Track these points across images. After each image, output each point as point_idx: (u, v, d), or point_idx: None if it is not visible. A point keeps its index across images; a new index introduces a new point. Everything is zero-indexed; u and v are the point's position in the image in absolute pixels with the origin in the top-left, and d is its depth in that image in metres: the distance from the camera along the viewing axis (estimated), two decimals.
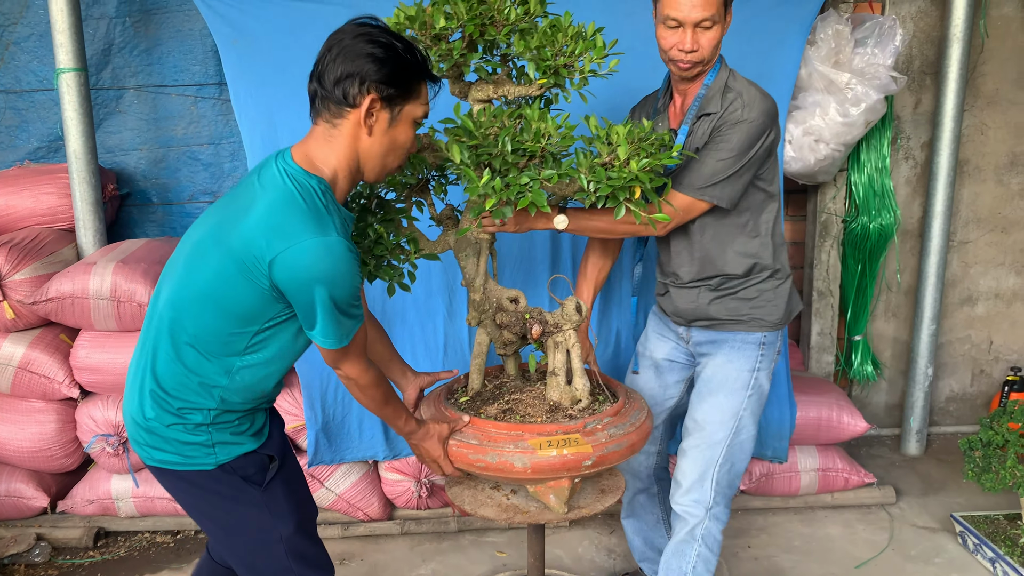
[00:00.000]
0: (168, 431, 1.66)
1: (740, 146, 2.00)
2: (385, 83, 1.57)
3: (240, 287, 1.56)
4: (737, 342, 2.18)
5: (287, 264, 1.51)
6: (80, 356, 2.86)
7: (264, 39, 2.82)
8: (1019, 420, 2.81)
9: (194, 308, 1.60)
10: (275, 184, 1.58)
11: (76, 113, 2.99)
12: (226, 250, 1.55)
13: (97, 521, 3.04)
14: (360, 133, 1.61)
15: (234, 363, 1.64)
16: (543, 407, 2.01)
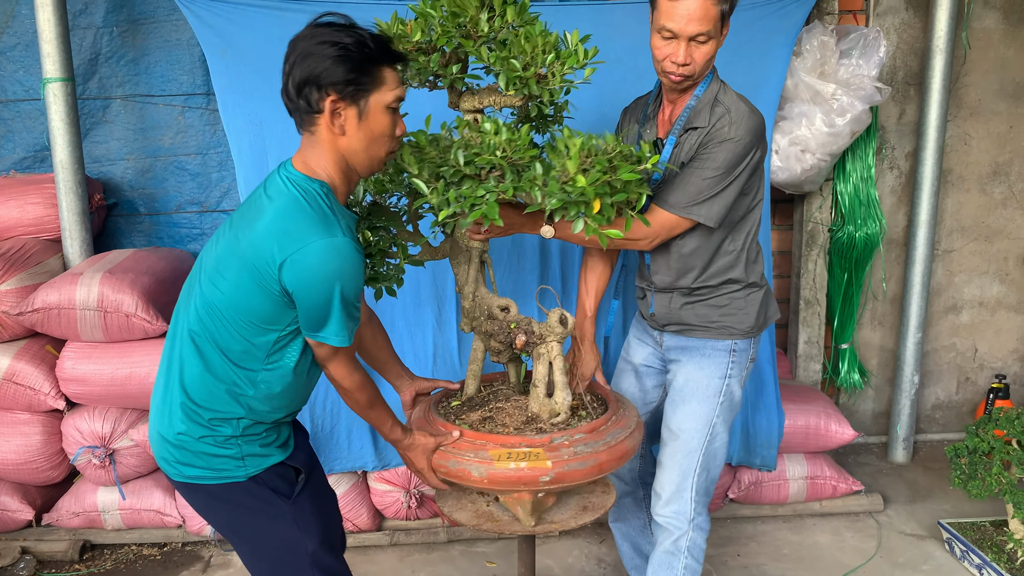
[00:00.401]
0: (198, 444, 1.69)
1: (726, 164, 1.97)
2: (341, 82, 1.57)
3: (255, 295, 1.59)
4: (708, 349, 2.17)
5: (297, 266, 1.54)
6: (66, 367, 2.83)
7: (252, 49, 2.82)
8: (1004, 427, 2.83)
9: (218, 318, 1.64)
10: (280, 192, 1.62)
11: (62, 123, 2.97)
12: (240, 260, 1.60)
13: (83, 534, 3.01)
14: (335, 135, 1.63)
15: (258, 371, 1.67)
16: (521, 417, 1.99)
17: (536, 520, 1.95)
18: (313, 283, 1.56)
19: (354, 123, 1.62)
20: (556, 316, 1.96)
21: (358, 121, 1.62)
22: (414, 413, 2.07)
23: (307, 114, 1.62)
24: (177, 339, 1.71)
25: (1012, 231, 3.73)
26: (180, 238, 3.44)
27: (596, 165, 1.70)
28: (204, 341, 1.66)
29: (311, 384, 1.81)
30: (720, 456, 2.22)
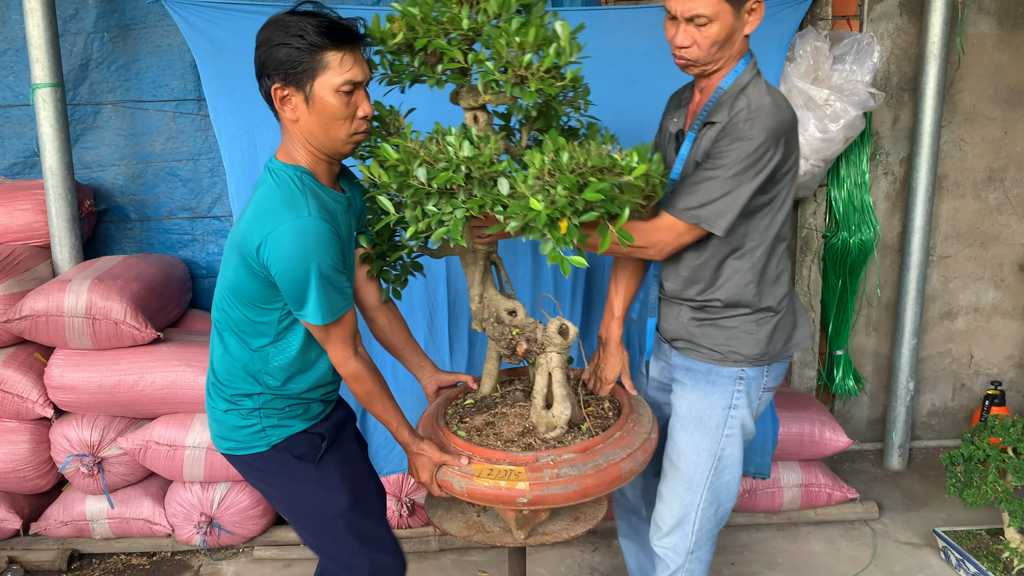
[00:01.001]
0: (226, 418, 1.84)
1: (736, 165, 1.79)
2: (278, 70, 1.63)
3: (247, 278, 1.70)
4: (713, 375, 1.99)
5: (270, 248, 1.61)
6: (54, 375, 2.81)
7: (243, 54, 2.81)
8: (1000, 435, 2.81)
9: (228, 302, 1.77)
10: (262, 181, 1.72)
11: (52, 129, 2.96)
12: (233, 246, 1.72)
13: (71, 543, 2.98)
14: (291, 120, 1.68)
15: (269, 349, 1.78)
16: (518, 428, 1.92)
17: (527, 533, 1.91)
18: (285, 262, 1.62)
19: (303, 108, 1.66)
20: (555, 326, 1.88)
21: (307, 106, 1.66)
22: (425, 412, 2.05)
23: (269, 102, 1.70)
24: (213, 326, 1.87)
25: (1007, 237, 3.72)
26: (171, 244, 3.43)
27: (560, 182, 1.55)
28: (223, 325, 1.81)
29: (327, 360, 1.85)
30: (731, 490, 2.07)
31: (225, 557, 3.01)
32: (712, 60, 1.84)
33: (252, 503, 2.92)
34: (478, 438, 1.90)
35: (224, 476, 2.86)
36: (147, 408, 2.85)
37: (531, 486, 1.72)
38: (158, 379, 2.79)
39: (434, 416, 1.97)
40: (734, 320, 1.98)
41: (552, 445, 1.83)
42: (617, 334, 2.13)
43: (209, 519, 2.89)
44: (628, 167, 1.60)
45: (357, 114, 1.69)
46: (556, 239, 1.57)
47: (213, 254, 3.43)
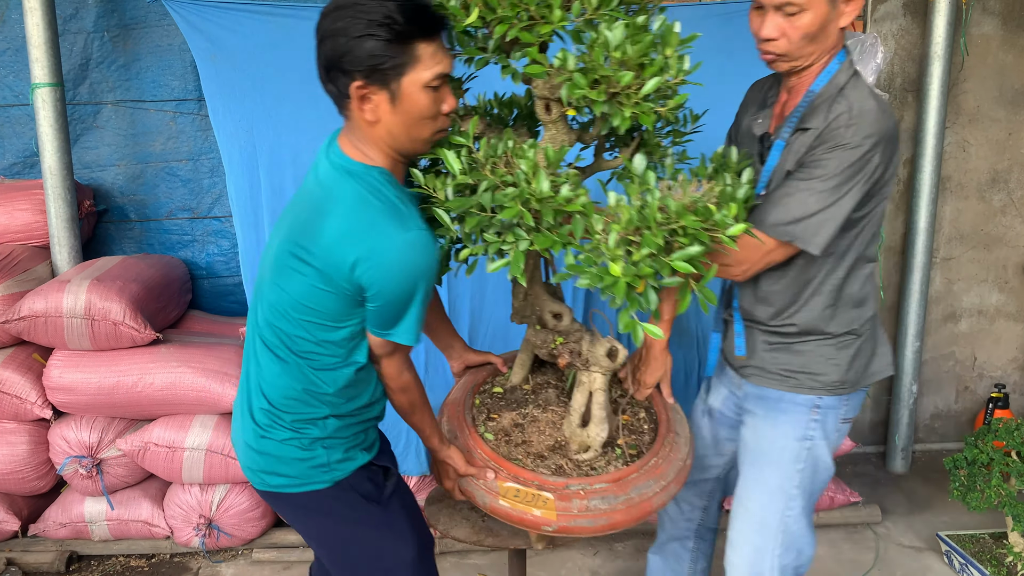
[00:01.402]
0: (282, 448, 1.61)
1: (839, 176, 1.59)
2: (361, 66, 1.41)
3: (321, 295, 1.49)
4: (785, 403, 1.81)
5: (372, 266, 1.43)
6: (53, 376, 2.80)
7: (243, 54, 2.80)
8: (1003, 438, 2.80)
9: (288, 318, 1.55)
10: (339, 185, 1.49)
11: (51, 128, 2.94)
12: (303, 258, 1.49)
13: (70, 545, 2.97)
14: (368, 121, 1.47)
15: (332, 368, 1.58)
16: (549, 440, 1.77)
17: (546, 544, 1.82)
18: (391, 282, 1.44)
19: (387, 108, 1.45)
20: (604, 348, 1.71)
21: (391, 105, 1.44)
22: (451, 395, 1.93)
23: (338, 99, 1.49)
24: (256, 341, 1.64)
25: (1011, 239, 3.70)
26: (171, 245, 3.41)
27: (645, 243, 1.34)
28: (276, 344, 1.58)
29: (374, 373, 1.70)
30: (804, 529, 1.87)
31: (224, 559, 3.00)
32: (803, 55, 1.64)
33: (251, 505, 2.91)
34: (505, 447, 1.76)
35: (223, 478, 2.85)
36: (146, 409, 2.84)
37: (558, 516, 1.60)
38: (157, 380, 2.78)
39: (461, 405, 1.85)
40: (810, 344, 1.79)
41: (584, 471, 1.70)
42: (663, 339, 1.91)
43: (208, 521, 2.88)
44: (723, 222, 1.38)
45: (442, 110, 1.49)
46: (633, 303, 1.38)
47: (213, 255, 3.42)
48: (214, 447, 2.78)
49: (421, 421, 1.72)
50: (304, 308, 1.51)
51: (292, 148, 2.82)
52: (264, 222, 2.85)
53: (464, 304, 2.97)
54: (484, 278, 2.95)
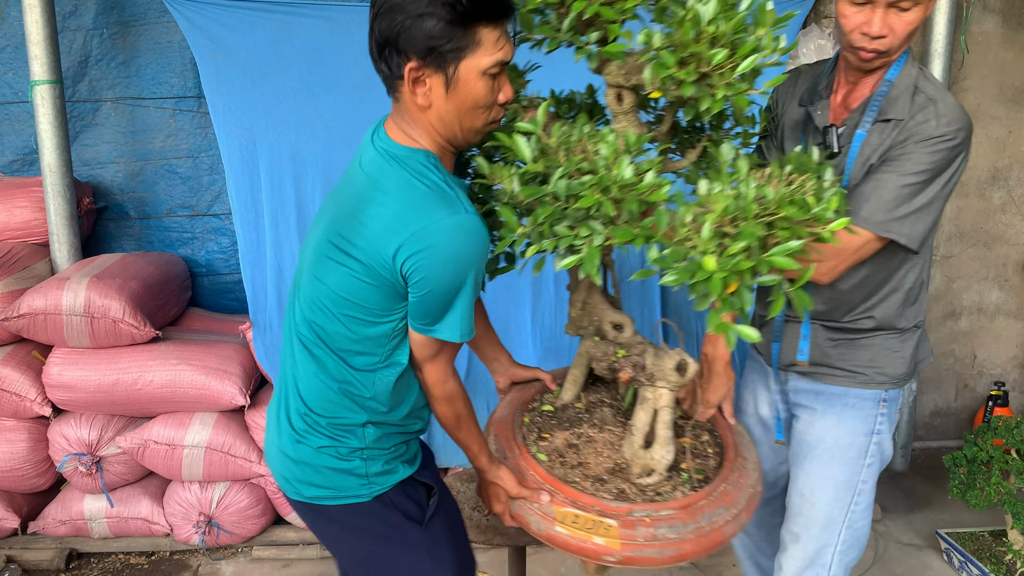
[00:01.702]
0: (319, 457, 1.50)
1: (932, 169, 1.56)
2: (423, 48, 1.31)
3: (362, 286, 1.39)
4: (851, 399, 1.78)
5: (417, 253, 1.32)
6: (53, 373, 2.79)
7: (242, 51, 2.80)
8: (1003, 436, 2.80)
9: (326, 313, 1.45)
10: (382, 170, 1.40)
11: (51, 126, 2.94)
12: (346, 249, 1.39)
13: (69, 542, 2.97)
14: (419, 105, 1.38)
15: (373, 369, 1.47)
16: (607, 462, 1.62)
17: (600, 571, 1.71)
18: (437, 271, 1.33)
19: (441, 93, 1.35)
20: (673, 361, 1.56)
21: (445, 91, 1.35)
22: (497, 412, 1.79)
23: (388, 79, 1.39)
24: (292, 340, 1.53)
25: (1011, 237, 3.70)
26: (170, 242, 3.41)
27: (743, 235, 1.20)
28: (314, 341, 1.48)
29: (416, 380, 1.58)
30: (866, 525, 1.85)
31: (224, 557, 3.00)
32: (898, 51, 1.60)
33: (251, 503, 2.91)
34: (561, 469, 1.61)
35: (223, 475, 2.84)
36: (146, 407, 2.84)
37: (622, 545, 1.45)
38: (157, 378, 2.77)
39: (510, 424, 1.71)
40: (878, 339, 1.76)
41: (649, 497, 1.55)
42: (726, 352, 1.81)
43: (208, 519, 2.88)
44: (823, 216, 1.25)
45: (499, 99, 1.40)
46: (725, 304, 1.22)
47: (212, 252, 3.41)
48: (214, 444, 2.78)
49: (468, 437, 1.57)
50: (344, 302, 1.42)
51: (292, 145, 2.82)
52: (264, 219, 2.85)
53: None
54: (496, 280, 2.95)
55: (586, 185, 1.30)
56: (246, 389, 2.80)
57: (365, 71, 2.79)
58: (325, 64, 2.80)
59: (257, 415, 2.84)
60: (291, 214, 2.85)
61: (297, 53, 2.78)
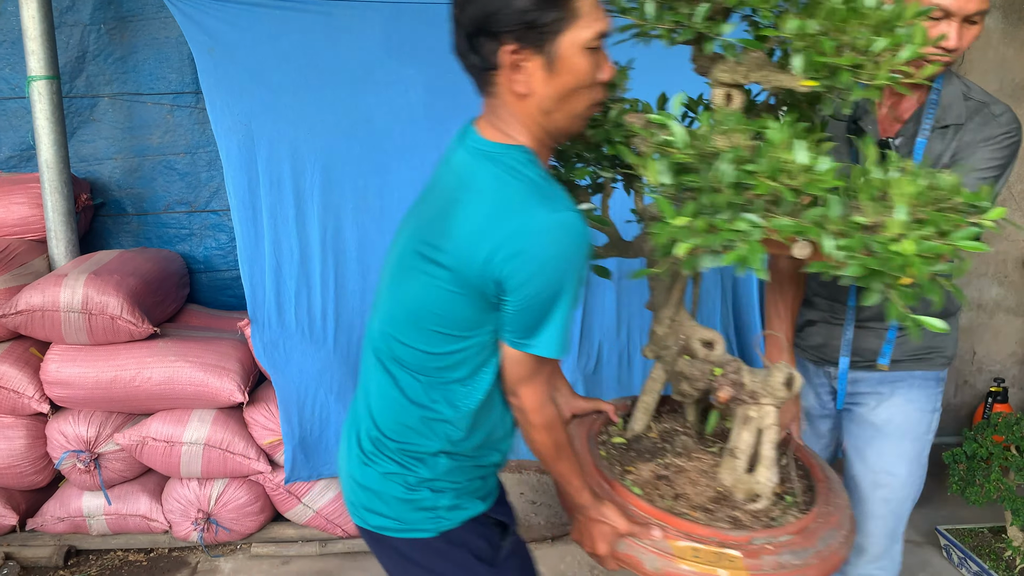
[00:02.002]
0: (385, 483, 1.39)
1: (1000, 164, 1.67)
2: (519, 24, 1.19)
3: (453, 296, 1.27)
4: (917, 380, 1.90)
5: (515, 253, 1.20)
6: (50, 370, 2.79)
7: (240, 47, 2.78)
8: (1003, 433, 2.79)
9: (407, 328, 1.33)
10: (473, 170, 1.28)
11: (48, 122, 2.93)
12: (432, 256, 1.28)
13: (68, 539, 2.96)
14: (519, 95, 1.26)
15: (457, 390, 1.34)
16: (708, 491, 1.54)
17: None
18: (536, 274, 1.21)
19: (541, 76, 1.23)
20: (782, 375, 1.49)
21: (546, 73, 1.23)
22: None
23: (483, 72, 1.27)
24: (369, 356, 1.43)
25: (1011, 233, 3.70)
26: (168, 238, 3.40)
27: (929, 223, 1.15)
28: (391, 358, 1.37)
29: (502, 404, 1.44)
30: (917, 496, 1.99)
31: (223, 554, 3.00)
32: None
33: (250, 499, 2.90)
34: (663, 501, 1.50)
35: (221, 472, 2.84)
36: (144, 404, 2.83)
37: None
38: (155, 375, 2.77)
39: (587, 458, 1.59)
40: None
41: (764, 523, 1.47)
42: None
43: (206, 515, 2.87)
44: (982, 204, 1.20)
45: (600, 77, 1.28)
46: (905, 297, 1.17)
47: (211, 248, 3.41)
48: (212, 441, 2.77)
49: (569, 469, 1.42)
50: (427, 314, 1.30)
51: (290, 141, 2.81)
52: (262, 215, 2.84)
53: None
54: None
55: (759, 171, 1.19)
56: (244, 386, 2.80)
57: (364, 66, 2.81)
58: (323, 59, 2.79)
59: (256, 412, 2.84)
60: (289, 210, 2.84)
61: (295, 49, 2.77)
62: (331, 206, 2.87)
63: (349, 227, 2.89)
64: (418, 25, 2.79)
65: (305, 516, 2.95)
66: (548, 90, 1.24)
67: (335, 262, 2.90)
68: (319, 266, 2.89)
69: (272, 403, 2.87)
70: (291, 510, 2.95)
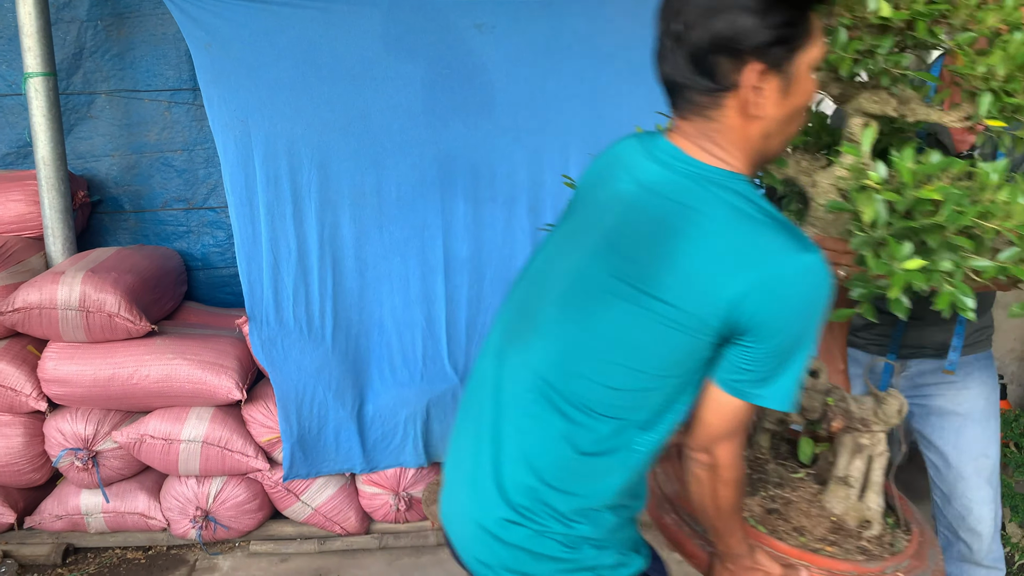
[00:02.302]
0: (540, 542, 1.22)
1: None
2: (769, 42, 1.09)
3: (670, 333, 1.14)
4: (983, 360, 2.03)
5: (767, 300, 1.10)
6: (48, 368, 2.78)
7: (238, 43, 2.77)
8: (1002, 429, 2.79)
9: (594, 361, 1.18)
10: (698, 196, 1.15)
11: (44, 118, 2.91)
12: (646, 288, 1.14)
13: (66, 537, 2.96)
14: (748, 118, 1.16)
15: (634, 434, 1.21)
16: (823, 522, 1.51)
17: None
18: (786, 321, 1.11)
19: (775, 99, 1.13)
20: (896, 404, 1.50)
21: (780, 95, 1.13)
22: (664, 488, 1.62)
23: (707, 93, 1.14)
24: (514, 391, 1.25)
25: None
26: (166, 235, 3.39)
27: None
28: (565, 397, 1.20)
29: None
30: None
31: (221, 551, 2.99)
32: None
33: (248, 497, 2.90)
34: (792, 538, 1.46)
35: (220, 470, 2.83)
36: (142, 402, 2.82)
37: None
38: (153, 372, 2.76)
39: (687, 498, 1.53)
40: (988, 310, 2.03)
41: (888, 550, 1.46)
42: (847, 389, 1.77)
43: (205, 513, 2.87)
44: None
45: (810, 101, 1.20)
46: None
47: (208, 246, 3.40)
48: (210, 439, 2.77)
49: (739, 521, 1.32)
50: (627, 347, 1.16)
51: (287, 137, 2.80)
52: (259, 212, 2.83)
53: (462, 294, 2.96)
54: (482, 266, 2.94)
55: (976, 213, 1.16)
56: (243, 383, 2.79)
57: (361, 62, 2.80)
58: (320, 55, 2.78)
59: (254, 409, 2.83)
60: (287, 207, 2.84)
61: (292, 44, 2.76)
62: (328, 203, 2.86)
63: (346, 224, 2.88)
64: (416, 21, 2.79)
65: (303, 514, 2.94)
66: (777, 112, 1.15)
67: (332, 259, 2.89)
68: (317, 263, 2.88)
69: (270, 401, 2.86)
70: (289, 508, 2.94)
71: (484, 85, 2.83)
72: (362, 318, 2.91)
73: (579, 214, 1.29)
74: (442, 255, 2.92)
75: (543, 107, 2.86)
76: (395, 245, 2.90)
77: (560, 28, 2.78)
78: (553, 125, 2.87)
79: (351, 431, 2.88)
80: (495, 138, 2.85)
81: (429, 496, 2.06)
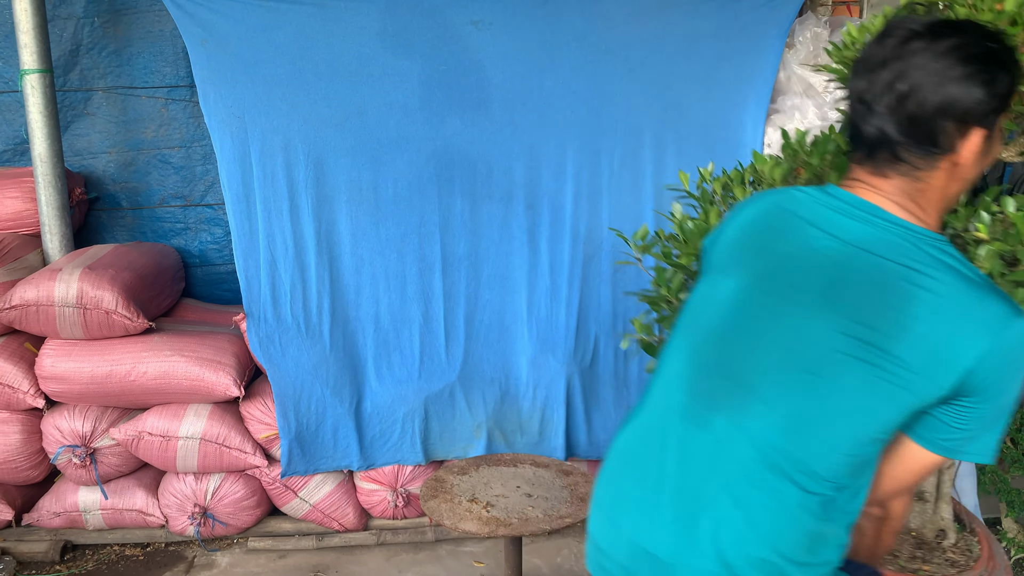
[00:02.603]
0: None
1: None
2: (996, 112, 1.14)
3: (902, 396, 1.14)
4: None
5: (997, 364, 1.12)
6: (45, 365, 2.78)
7: (234, 39, 2.77)
8: None
9: (828, 430, 1.16)
10: (918, 259, 1.15)
11: (41, 115, 2.91)
12: (885, 346, 1.13)
13: (64, 534, 2.96)
14: (951, 180, 1.18)
15: (856, 494, 1.20)
16: (905, 538, 1.54)
17: None
18: (1008, 382, 1.14)
19: (979, 159, 1.17)
20: None
21: (983, 156, 1.17)
22: None
23: (923, 155, 1.16)
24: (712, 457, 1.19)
25: None
26: (163, 232, 3.39)
27: None
28: (795, 464, 1.15)
29: None
30: None
31: (219, 548, 3.00)
32: None
33: (246, 494, 2.90)
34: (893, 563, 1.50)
35: (218, 467, 2.84)
36: (140, 398, 2.83)
37: None
38: (151, 369, 2.76)
39: None
40: None
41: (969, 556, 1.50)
42: None
43: (203, 510, 2.87)
44: None
45: None
46: None
47: (206, 242, 3.40)
48: (208, 436, 2.77)
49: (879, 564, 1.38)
50: (861, 412, 1.15)
51: (284, 134, 2.80)
52: (256, 209, 2.83)
53: (459, 291, 2.96)
54: (479, 263, 2.94)
55: None
56: (241, 380, 2.79)
57: (358, 59, 2.80)
58: (317, 52, 2.78)
59: (252, 406, 2.84)
60: (283, 203, 2.84)
61: (289, 41, 2.76)
62: (325, 199, 2.87)
63: (343, 220, 2.88)
64: (412, 18, 2.79)
65: (302, 510, 2.95)
66: (972, 171, 1.18)
67: (329, 256, 2.90)
68: (314, 260, 2.88)
69: (268, 397, 2.87)
70: (288, 504, 2.95)
71: (481, 82, 2.83)
72: (359, 315, 2.91)
73: (760, 267, 1.24)
74: (439, 252, 2.92)
75: (540, 104, 2.86)
76: (392, 242, 2.91)
77: (557, 25, 2.78)
78: (550, 122, 2.87)
79: (349, 428, 2.89)
80: (492, 135, 2.86)
81: (428, 492, 2.07)
